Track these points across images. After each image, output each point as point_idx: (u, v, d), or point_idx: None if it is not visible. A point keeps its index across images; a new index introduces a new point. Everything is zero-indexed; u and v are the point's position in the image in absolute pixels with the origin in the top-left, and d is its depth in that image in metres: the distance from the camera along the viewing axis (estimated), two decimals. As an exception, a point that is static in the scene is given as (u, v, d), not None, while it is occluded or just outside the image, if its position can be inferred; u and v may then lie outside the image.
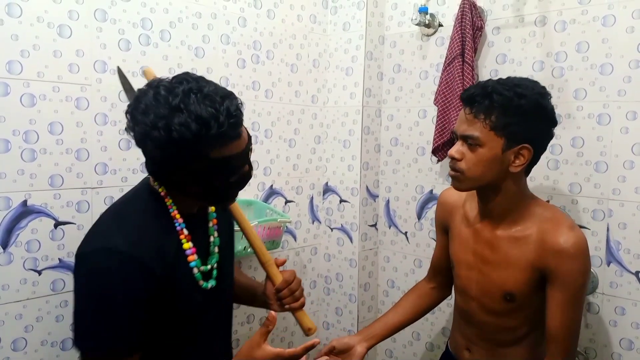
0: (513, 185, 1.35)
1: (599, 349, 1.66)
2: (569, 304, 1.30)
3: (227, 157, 1.06)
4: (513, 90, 1.27)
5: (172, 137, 0.99)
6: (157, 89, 1.04)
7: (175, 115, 0.99)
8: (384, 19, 2.17)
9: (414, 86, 2.09)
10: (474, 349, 1.49)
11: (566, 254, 1.28)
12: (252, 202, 1.95)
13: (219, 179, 1.09)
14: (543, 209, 1.37)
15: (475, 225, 1.45)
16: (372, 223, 2.22)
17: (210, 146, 1.03)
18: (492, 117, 1.27)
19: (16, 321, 1.42)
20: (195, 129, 0.99)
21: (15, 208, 1.40)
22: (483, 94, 1.29)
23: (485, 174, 1.31)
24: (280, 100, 2.05)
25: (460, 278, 1.50)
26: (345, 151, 2.17)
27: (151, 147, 1.03)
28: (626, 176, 1.59)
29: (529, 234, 1.34)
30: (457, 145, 1.34)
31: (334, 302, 2.26)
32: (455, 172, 1.35)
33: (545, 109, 1.31)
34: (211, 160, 1.04)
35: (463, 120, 1.33)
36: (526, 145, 1.29)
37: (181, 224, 1.15)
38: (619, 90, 1.59)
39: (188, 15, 1.72)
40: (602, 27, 1.62)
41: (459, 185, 1.37)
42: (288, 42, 2.05)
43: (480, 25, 1.82)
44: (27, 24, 1.39)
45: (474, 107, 1.30)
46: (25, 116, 1.40)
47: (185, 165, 1.05)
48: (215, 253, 1.25)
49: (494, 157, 1.29)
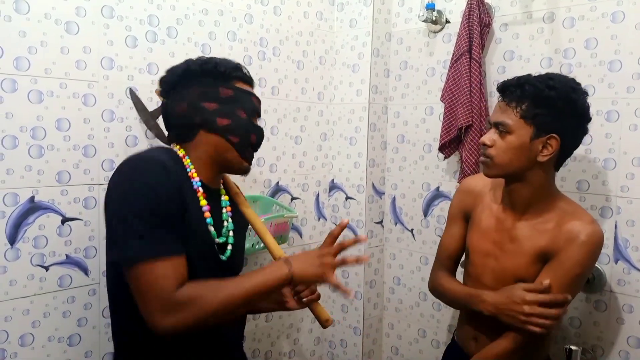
0: (540, 176, 1.37)
1: (606, 346, 1.65)
2: (556, 286, 1.32)
3: (249, 92, 1.29)
4: (545, 83, 1.32)
5: (213, 59, 1.26)
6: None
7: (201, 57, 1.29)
8: (391, 15, 2.16)
9: (420, 83, 2.08)
10: (482, 339, 1.49)
11: (576, 240, 1.31)
12: (259, 198, 1.95)
13: (245, 109, 1.26)
14: (567, 204, 1.40)
15: (498, 214, 1.47)
16: (378, 220, 2.22)
17: (237, 78, 1.28)
18: (522, 105, 1.32)
19: (23, 317, 1.43)
20: (229, 61, 1.28)
21: (22, 204, 1.41)
22: (516, 84, 1.35)
23: (513, 161, 1.35)
24: (287, 97, 2.05)
25: (475, 266, 1.50)
26: (352, 148, 2.17)
27: (194, 65, 1.25)
28: (635, 173, 1.58)
29: (549, 226, 1.37)
30: (490, 132, 1.39)
31: (339, 299, 2.26)
32: (485, 157, 1.39)
33: (575, 103, 1.33)
34: (238, 89, 1.27)
35: (497, 109, 1.39)
36: (554, 136, 1.32)
37: (197, 182, 1.22)
38: (628, 87, 1.58)
39: (195, 12, 1.72)
40: (611, 23, 1.60)
41: (487, 172, 1.41)
42: (294, 39, 2.05)
43: (487, 21, 1.81)
44: (35, 20, 1.39)
45: (507, 96, 1.35)
46: (32, 113, 1.40)
47: (219, 86, 1.24)
48: (230, 236, 1.29)
49: (521, 145, 1.33)
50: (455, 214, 1.61)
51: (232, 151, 1.26)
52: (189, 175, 1.22)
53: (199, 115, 1.23)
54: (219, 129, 1.23)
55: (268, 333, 2.09)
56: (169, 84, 1.27)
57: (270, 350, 2.11)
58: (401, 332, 2.21)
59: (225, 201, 1.33)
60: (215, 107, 1.23)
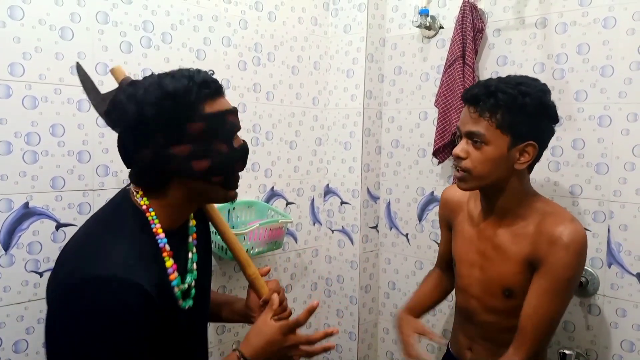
0: (517, 182, 1.36)
1: (600, 350, 1.66)
2: (547, 294, 1.29)
3: (222, 112, 1.06)
4: (517, 89, 1.28)
5: (167, 90, 1.00)
6: (128, 84, 1.07)
7: (161, 80, 1.02)
8: (385, 21, 2.17)
9: (414, 88, 2.09)
10: (476, 349, 1.49)
11: (559, 243, 1.28)
12: (254, 203, 1.95)
13: (223, 139, 1.06)
14: (544, 204, 1.38)
15: (479, 224, 1.45)
16: (373, 225, 2.22)
17: (203, 99, 1.03)
18: (497, 115, 1.28)
19: (17, 323, 1.42)
20: (184, 81, 1.01)
21: (16, 210, 1.40)
22: (487, 93, 1.29)
23: (492, 172, 1.32)
24: (281, 102, 2.05)
25: (461, 277, 1.50)
26: (346, 153, 2.17)
27: (149, 110, 0.99)
28: (627, 178, 1.59)
29: (529, 229, 1.35)
30: (462, 144, 1.34)
31: (334, 304, 2.26)
32: (461, 172, 1.34)
33: (548, 106, 1.32)
34: (208, 116, 1.03)
35: (467, 119, 1.33)
36: (531, 142, 1.30)
37: (163, 240, 1.05)
38: (620, 92, 1.59)
39: (189, 18, 1.73)
40: (602, 29, 1.62)
41: (465, 186, 1.36)
42: (289, 45, 2.06)
43: (481, 27, 1.82)
44: (29, 26, 1.39)
45: (479, 106, 1.30)
46: (27, 118, 1.40)
47: (186, 123, 1.01)
48: (194, 270, 1.16)
49: (500, 155, 1.30)
50: (441, 224, 1.67)
51: (217, 190, 1.10)
52: (154, 231, 1.04)
53: (169, 164, 1.02)
54: (198, 174, 1.04)
55: (263, 338, 2.08)
56: (118, 125, 1.05)
57: (266, 356, 2.10)
58: (396, 337, 2.21)
59: (192, 227, 1.18)
60: (187, 151, 1.02)
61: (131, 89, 1.02)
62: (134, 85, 1.04)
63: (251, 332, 1.17)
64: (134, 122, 1.00)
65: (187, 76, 1.03)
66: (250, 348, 1.14)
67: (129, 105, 1.00)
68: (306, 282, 2.24)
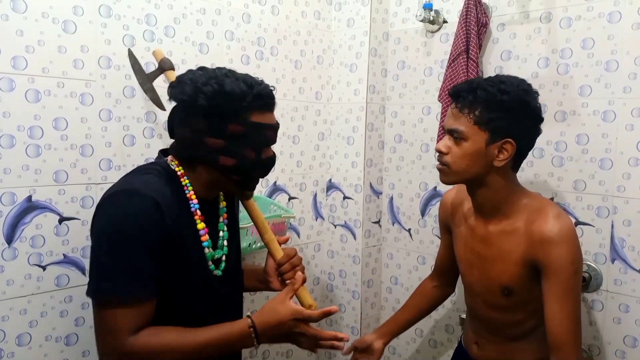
0: (499, 179, 1.37)
1: (602, 346, 1.66)
2: (564, 297, 1.29)
3: (264, 124, 1.17)
4: (497, 87, 1.30)
5: (224, 89, 1.10)
6: (199, 69, 1.18)
7: (225, 78, 1.13)
8: (388, 15, 2.16)
9: (418, 83, 2.08)
10: (482, 343, 1.51)
11: (551, 242, 1.29)
12: (256, 198, 1.93)
13: (253, 148, 1.16)
14: (531, 200, 1.39)
15: (472, 223, 1.47)
16: (376, 220, 2.22)
17: (252, 108, 1.14)
18: (475, 111, 1.31)
19: (21, 316, 1.43)
20: (243, 87, 1.12)
21: (20, 203, 1.40)
22: (468, 89, 1.32)
23: (470, 168, 1.34)
24: (284, 96, 2.05)
25: (464, 276, 1.53)
26: (349, 148, 2.17)
27: (202, 99, 1.10)
28: (631, 173, 1.58)
29: (518, 226, 1.36)
30: (444, 139, 1.38)
31: (337, 299, 2.26)
32: (441, 165, 1.38)
33: (529, 105, 1.33)
34: (250, 124, 1.14)
35: (450, 115, 1.37)
36: (509, 140, 1.32)
37: (195, 205, 1.19)
38: (625, 87, 1.58)
39: (192, 12, 1.72)
40: (607, 23, 1.61)
41: (444, 179, 1.40)
42: (292, 39, 2.05)
43: (485, 21, 1.81)
44: (32, 19, 1.39)
45: (459, 102, 1.33)
46: (30, 112, 1.40)
47: (228, 126, 1.13)
48: (224, 246, 1.28)
49: (477, 151, 1.32)
50: (440, 227, 1.69)
51: (232, 186, 1.23)
52: (187, 196, 1.19)
53: (201, 150, 1.15)
54: (221, 168, 1.17)
55: (265, 332, 2.09)
56: (174, 99, 1.17)
57: (268, 350, 2.11)
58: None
59: (223, 208, 1.31)
60: (220, 145, 1.14)
61: (198, 75, 1.14)
62: (202, 72, 1.16)
63: (267, 307, 1.20)
64: (186, 103, 1.13)
65: (248, 84, 1.14)
66: (262, 321, 1.17)
67: (189, 87, 1.12)
68: (309, 277, 2.23)
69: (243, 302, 1.43)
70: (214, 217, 1.28)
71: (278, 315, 1.18)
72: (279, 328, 1.18)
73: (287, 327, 1.19)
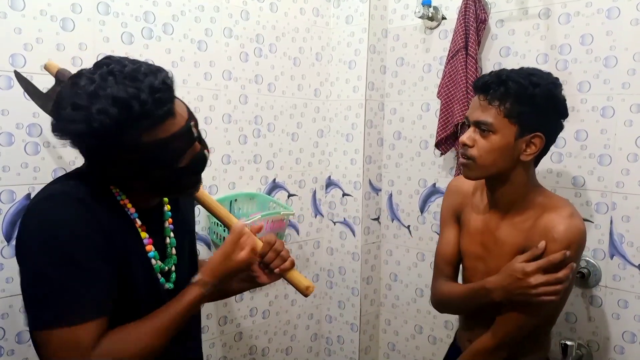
0: (522, 174, 1.34)
1: (601, 341, 1.66)
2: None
3: (164, 140, 0.96)
4: (528, 79, 1.27)
5: (93, 127, 0.90)
6: (76, 79, 0.96)
7: (92, 103, 0.90)
8: (387, 12, 2.16)
9: (417, 79, 2.08)
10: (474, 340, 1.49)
11: (548, 236, 1.27)
12: (255, 195, 1.95)
13: (163, 166, 1.00)
14: (546, 198, 1.36)
15: (484, 215, 1.44)
16: (375, 217, 2.22)
17: (139, 130, 0.93)
18: (506, 104, 1.27)
19: (20, 314, 1.43)
20: (115, 113, 0.90)
21: (19, 201, 1.41)
22: (498, 81, 1.28)
23: (497, 162, 1.31)
24: (283, 93, 2.05)
25: (467, 269, 1.50)
26: (348, 145, 2.17)
27: (75, 143, 0.96)
28: (630, 169, 1.58)
29: (528, 223, 1.34)
30: (469, 132, 1.33)
31: (336, 296, 2.26)
32: (466, 159, 1.33)
33: (558, 99, 1.32)
34: (145, 146, 0.95)
35: (477, 107, 1.32)
36: (538, 134, 1.30)
37: (134, 214, 1.07)
38: (623, 82, 1.58)
39: (191, 9, 1.72)
40: (606, 19, 1.61)
41: (469, 174, 1.35)
42: (291, 36, 2.05)
43: (483, 18, 1.81)
44: (30, 17, 1.39)
45: (489, 94, 1.29)
46: (28, 109, 1.40)
47: (118, 156, 0.96)
48: (172, 255, 1.16)
49: (506, 145, 1.29)
50: (448, 217, 1.56)
51: (166, 193, 1.13)
52: (122, 204, 1.05)
53: (112, 176, 1.03)
54: (140, 189, 1.05)
55: (265, 330, 2.09)
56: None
57: (268, 347, 2.11)
58: (398, 329, 2.22)
59: (167, 213, 1.17)
60: (125, 173, 1.01)
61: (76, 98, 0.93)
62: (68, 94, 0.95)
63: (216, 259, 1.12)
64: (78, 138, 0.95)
65: (127, 97, 0.91)
66: (208, 271, 1.10)
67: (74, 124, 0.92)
68: (308, 274, 2.24)
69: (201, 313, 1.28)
70: (158, 224, 1.15)
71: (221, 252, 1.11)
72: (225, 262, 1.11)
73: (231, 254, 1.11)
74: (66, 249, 0.94)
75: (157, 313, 1.04)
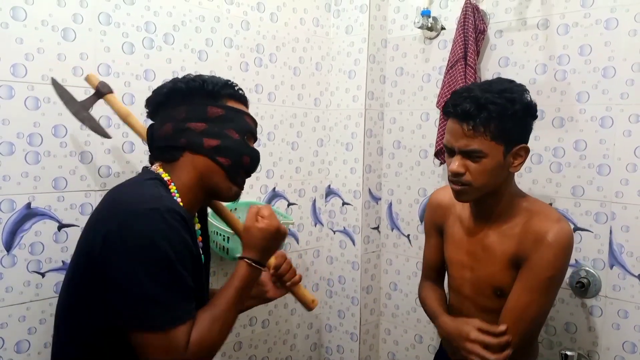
0: (509, 185, 1.39)
1: (601, 352, 1.66)
2: (528, 291, 1.32)
3: (240, 111, 1.22)
4: (503, 97, 1.29)
5: (199, 77, 1.20)
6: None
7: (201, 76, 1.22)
8: (387, 22, 2.17)
9: (416, 89, 2.09)
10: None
11: (544, 242, 1.30)
12: (255, 204, 1.94)
13: (236, 129, 1.19)
14: (530, 204, 1.40)
15: (469, 225, 1.47)
16: (375, 226, 2.22)
17: (228, 95, 1.21)
18: (490, 127, 1.29)
19: (19, 323, 1.43)
20: (218, 78, 1.22)
21: (19, 210, 1.41)
22: (478, 107, 1.28)
23: (492, 181, 1.34)
24: (283, 103, 2.05)
25: (454, 278, 1.51)
26: (348, 154, 2.17)
27: (181, 83, 1.18)
28: (629, 179, 1.59)
29: (516, 229, 1.37)
30: (457, 159, 1.33)
31: (336, 305, 2.26)
32: (461, 185, 1.34)
33: (532, 106, 1.35)
34: (229, 107, 1.20)
35: (460, 135, 1.31)
36: (523, 145, 1.34)
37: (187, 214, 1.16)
38: (622, 93, 1.59)
39: (191, 19, 1.73)
40: (604, 30, 1.62)
41: (466, 198, 1.38)
42: (291, 46, 2.06)
43: (482, 28, 1.82)
44: (32, 27, 1.40)
45: (470, 122, 1.29)
46: (29, 119, 1.41)
47: (208, 105, 1.18)
48: (200, 254, 1.24)
49: (497, 164, 1.32)
50: (429, 229, 1.63)
51: (220, 174, 1.18)
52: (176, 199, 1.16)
53: (184, 137, 1.16)
54: (206, 151, 1.16)
55: (264, 339, 2.09)
56: (155, 105, 1.22)
57: (267, 357, 2.10)
58: (398, 338, 2.21)
59: (198, 231, 1.26)
60: (202, 128, 1.16)
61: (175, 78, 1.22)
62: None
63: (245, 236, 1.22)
64: (165, 94, 1.19)
65: (219, 78, 1.23)
66: (252, 248, 1.19)
67: (165, 84, 1.21)
68: (308, 283, 2.24)
69: None
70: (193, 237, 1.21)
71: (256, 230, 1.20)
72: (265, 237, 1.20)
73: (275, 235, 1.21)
74: (171, 258, 1.03)
75: (223, 293, 1.14)
